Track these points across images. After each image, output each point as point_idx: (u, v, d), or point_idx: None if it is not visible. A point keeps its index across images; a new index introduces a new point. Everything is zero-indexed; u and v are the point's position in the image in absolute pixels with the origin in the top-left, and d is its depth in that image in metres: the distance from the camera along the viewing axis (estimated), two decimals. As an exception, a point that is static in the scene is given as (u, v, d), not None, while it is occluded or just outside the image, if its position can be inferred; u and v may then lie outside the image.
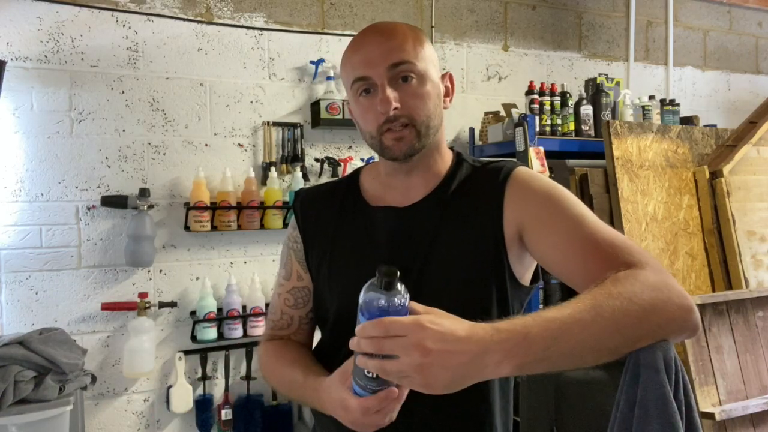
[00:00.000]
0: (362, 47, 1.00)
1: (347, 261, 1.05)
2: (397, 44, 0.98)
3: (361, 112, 1.01)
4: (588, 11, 3.40)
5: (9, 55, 2.26)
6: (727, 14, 3.85)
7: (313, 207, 1.13)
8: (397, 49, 0.97)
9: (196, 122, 2.53)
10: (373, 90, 0.98)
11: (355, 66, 0.99)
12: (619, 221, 2.55)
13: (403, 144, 0.99)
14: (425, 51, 1.01)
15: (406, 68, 0.97)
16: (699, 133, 2.90)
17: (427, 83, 0.99)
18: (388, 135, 0.98)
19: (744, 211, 2.76)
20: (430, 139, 1.01)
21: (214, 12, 2.57)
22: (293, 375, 1.02)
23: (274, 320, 1.15)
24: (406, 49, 0.98)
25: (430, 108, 0.99)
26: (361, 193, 1.10)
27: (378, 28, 1.02)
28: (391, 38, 0.98)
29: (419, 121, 0.98)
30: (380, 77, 0.97)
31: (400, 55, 0.97)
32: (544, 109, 2.74)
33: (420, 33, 1.03)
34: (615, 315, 0.75)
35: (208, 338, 2.43)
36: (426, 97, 0.98)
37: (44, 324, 2.23)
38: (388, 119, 0.97)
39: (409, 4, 2.94)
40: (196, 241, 2.53)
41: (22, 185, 2.29)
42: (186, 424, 2.49)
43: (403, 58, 0.97)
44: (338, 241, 1.07)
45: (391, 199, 1.06)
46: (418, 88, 0.98)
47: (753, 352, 2.45)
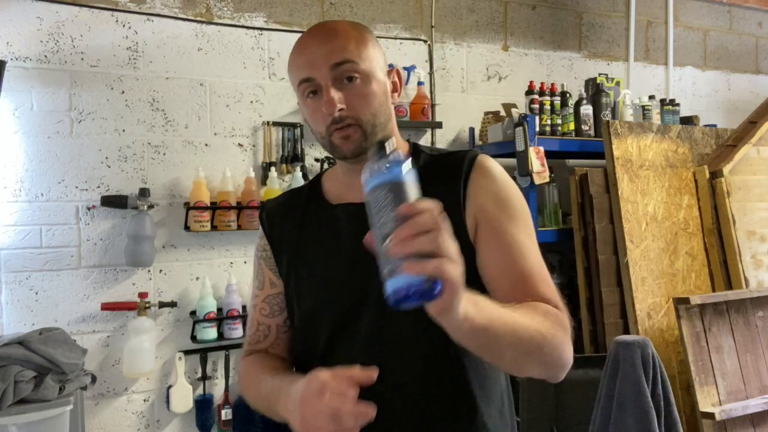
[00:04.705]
0: (306, 49, 1.00)
1: (314, 261, 1.06)
2: (339, 44, 0.98)
3: (310, 113, 1.02)
4: (588, 11, 3.40)
5: (9, 55, 2.26)
6: (727, 14, 3.84)
7: (278, 214, 1.14)
8: (339, 49, 0.98)
9: (196, 122, 2.53)
10: (319, 91, 0.99)
11: (300, 68, 1.00)
12: (619, 221, 2.55)
13: (350, 143, 0.99)
14: (369, 50, 1.01)
15: (348, 68, 0.97)
16: (699, 133, 2.90)
17: (372, 82, 0.99)
18: (336, 134, 0.99)
19: (744, 211, 2.76)
20: (377, 137, 1.00)
21: (214, 12, 2.57)
22: (266, 386, 0.98)
23: (250, 334, 1.12)
24: (348, 48, 0.98)
25: (375, 106, 0.99)
26: (323, 194, 1.11)
27: (320, 29, 1.02)
28: (333, 39, 0.99)
29: (365, 120, 0.98)
30: (324, 78, 0.97)
31: (343, 54, 0.97)
32: (544, 109, 2.74)
33: (364, 31, 1.03)
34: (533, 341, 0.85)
35: (208, 338, 2.43)
36: (371, 96, 0.99)
37: (44, 324, 2.23)
38: (334, 120, 0.97)
39: (409, 4, 2.94)
40: (196, 241, 2.53)
41: (22, 185, 2.29)
42: (186, 424, 2.49)
43: (345, 58, 0.97)
44: (304, 243, 1.08)
45: (351, 197, 1.05)
46: (362, 88, 0.98)
47: (753, 352, 2.45)
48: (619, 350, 1.80)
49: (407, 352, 0.98)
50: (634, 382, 1.54)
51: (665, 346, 2.44)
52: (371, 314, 0.98)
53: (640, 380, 1.51)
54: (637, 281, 2.49)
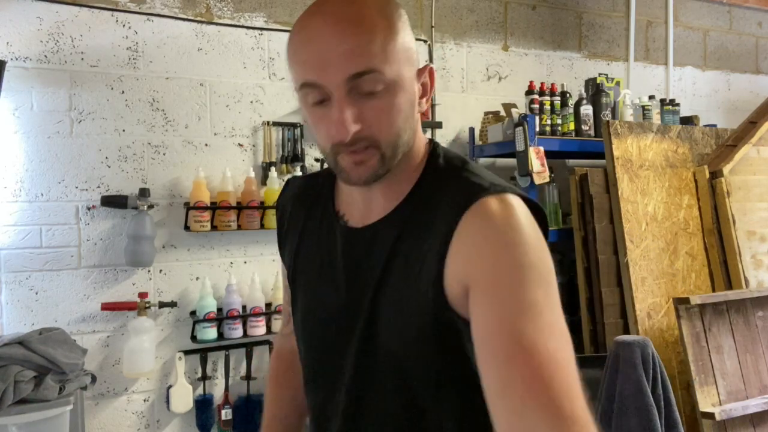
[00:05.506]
0: (315, 39, 0.74)
1: (309, 276, 0.93)
2: (363, 43, 0.73)
3: (314, 121, 0.80)
4: (588, 11, 3.40)
5: (9, 55, 2.26)
6: (727, 14, 3.84)
7: (289, 203, 1.01)
8: (361, 51, 0.73)
9: (196, 122, 2.53)
10: (328, 101, 0.76)
11: (305, 65, 0.76)
12: (619, 221, 2.55)
13: (363, 170, 0.78)
14: (398, 45, 0.76)
15: (371, 79, 0.74)
16: (699, 133, 2.90)
17: (399, 93, 0.76)
18: (347, 157, 0.77)
19: (744, 211, 2.76)
20: (397, 159, 0.80)
21: (214, 12, 2.57)
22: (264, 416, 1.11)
23: (283, 314, 1.13)
24: (373, 51, 0.73)
25: (399, 124, 0.77)
26: (335, 194, 0.93)
27: (337, 14, 0.74)
28: (354, 33, 0.73)
29: (385, 142, 0.77)
30: (338, 89, 0.74)
31: (366, 61, 0.73)
32: (544, 109, 2.74)
33: (394, 17, 0.77)
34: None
35: (208, 338, 2.43)
36: (395, 111, 0.76)
37: (44, 324, 2.23)
38: (344, 142, 0.76)
39: (409, 4, 2.94)
40: (196, 241, 2.53)
41: (22, 185, 2.29)
42: (186, 424, 2.49)
43: (368, 67, 0.73)
44: (302, 248, 0.95)
45: (350, 215, 0.88)
46: (385, 102, 0.76)
47: (753, 352, 2.45)
48: (619, 350, 1.80)
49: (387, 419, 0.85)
50: (635, 381, 1.54)
51: (665, 346, 2.44)
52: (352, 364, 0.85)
53: (641, 380, 1.52)
54: (637, 281, 2.49)
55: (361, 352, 0.83)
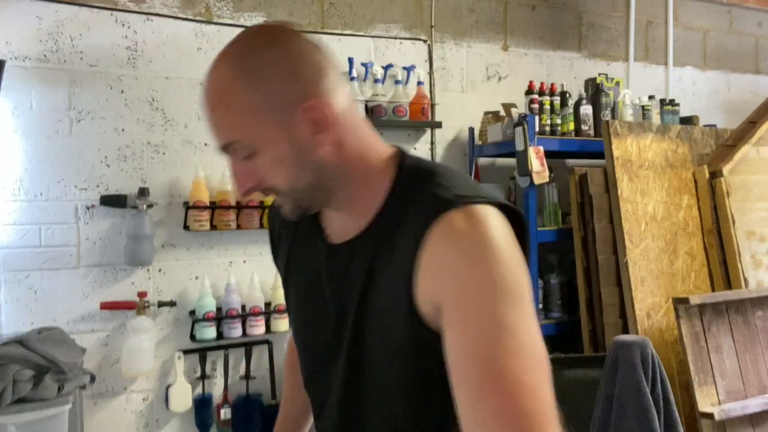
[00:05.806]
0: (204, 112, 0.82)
1: (299, 286, 0.95)
2: (219, 118, 0.79)
3: None
4: (588, 11, 3.40)
5: (8, 55, 2.26)
6: (727, 14, 3.84)
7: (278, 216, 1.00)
8: (219, 126, 0.79)
9: (196, 122, 2.53)
10: None
11: None
12: (618, 221, 2.55)
13: (287, 209, 0.83)
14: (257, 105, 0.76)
15: (236, 148, 0.78)
16: (699, 133, 2.91)
17: (269, 150, 0.77)
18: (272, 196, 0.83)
19: (744, 211, 2.76)
20: (318, 194, 0.82)
21: (213, 11, 2.57)
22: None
23: None
24: (222, 127, 0.79)
25: (289, 172, 0.78)
26: None
27: (205, 87, 0.81)
28: (212, 107, 0.79)
29: (286, 189, 0.80)
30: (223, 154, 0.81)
31: (225, 135, 0.78)
32: (544, 108, 2.74)
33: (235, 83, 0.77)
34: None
35: (208, 337, 2.43)
36: (276, 164, 0.78)
37: (43, 323, 2.23)
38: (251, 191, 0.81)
39: (408, 3, 2.94)
40: (196, 241, 2.53)
41: (21, 184, 2.29)
42: (185, 424, 2.49)
43: (228, 139, 0.78)
44: (294, 255, 0.97)
45: (332, 230, 0.89)
46: (262, 161, 0.78)
47: (752, 351, 2.45)
48: (619, 350, 1.80)
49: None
50: (634, 381, 1.54)
51: (664, 346, 2.44)
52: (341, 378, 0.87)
53: (640, 380, 1.52)
54: (636, 281, 2.49)
55: (349, 372, 0.85)
